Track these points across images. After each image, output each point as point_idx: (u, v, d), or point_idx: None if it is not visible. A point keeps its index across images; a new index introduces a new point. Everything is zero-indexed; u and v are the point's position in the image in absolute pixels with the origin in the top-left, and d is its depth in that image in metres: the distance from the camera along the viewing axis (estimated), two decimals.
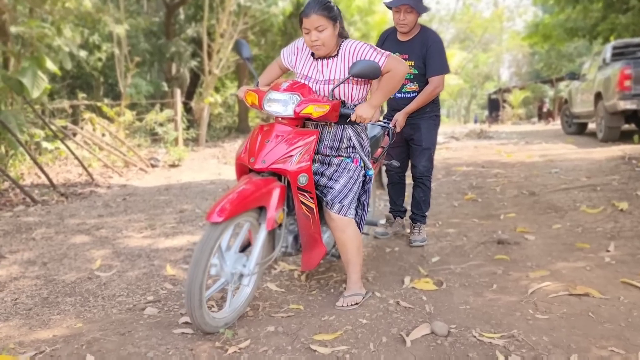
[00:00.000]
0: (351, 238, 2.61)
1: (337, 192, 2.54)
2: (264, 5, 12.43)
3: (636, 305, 2.34)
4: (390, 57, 2.49)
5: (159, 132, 10.87)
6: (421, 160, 3.57)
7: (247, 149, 2.46)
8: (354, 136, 2.59)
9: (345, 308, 2.56)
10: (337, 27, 2.51)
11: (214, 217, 2.15)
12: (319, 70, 2.60)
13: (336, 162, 2.59)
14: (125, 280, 3.10)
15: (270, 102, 2.44)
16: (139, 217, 4.85)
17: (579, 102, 11.55)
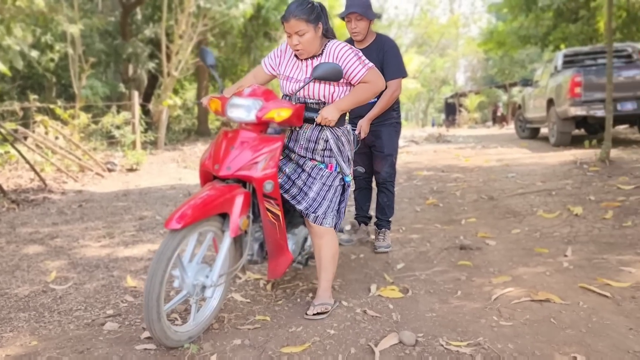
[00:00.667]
0: (328, 246, 2.60)
1: (310, 200, 2.53)
2: (224, 8, 12.28)
3: (595, 311, 2.42)
4: (372, 69, 2.51)
5: (115, 135, 10.57)
6: (383, 167, 3.61)
7: (211, 155, 2.41)
8: (331, 139, 2.55)
9: (313, 317, 2.53)
10: (320, 28, 2.48)
11: (173, 224, 2.08)
12: (302, 70, 2.58)
13: (309, 166, 2.56)
14: (83, 293, 2.98)
15: (232, 107, 2.39)
16: (96, 224, 4.69)
17: (532, 107, 11.93)
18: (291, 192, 2.54)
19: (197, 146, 12.62)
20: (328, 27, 2.56)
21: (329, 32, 2.57)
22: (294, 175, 2.57)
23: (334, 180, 2.59)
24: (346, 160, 2.62)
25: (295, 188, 2.56)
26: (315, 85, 2.52)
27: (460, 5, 45.56)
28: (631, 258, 3.12)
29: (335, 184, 2.59)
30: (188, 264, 2.31)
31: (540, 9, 12.34)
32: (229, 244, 2.36)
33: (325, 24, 2.52)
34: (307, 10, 2.44)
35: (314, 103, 2.57)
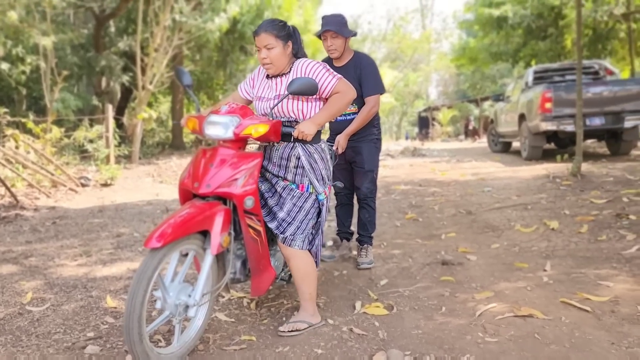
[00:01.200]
0: (297, 268, 2.60)
1: (280, 220, 2.54)
2: (199, 21, 12.26)
3: (577, 325, 2.46)
4: (341, 79, 2.58)
5: (88, 149, 10.38)
6: (364, 182, 3.63)
7: (190, 174, 2.41)
8: (303, 156, 2.56)
9: (283, 333, 2.55)
10: (289, 46, 2.56)
11: (152, 242, 2.06)
12: (272, 88, 2.63)
13: (281, 187, 2.58)
14: (61, 314, 2.90)
15: (210, 125, 2.40)
16: (72, 242, 4.58)
17: (504, 122, 12.20)
18: (263, 211, 2.55)
19: (172, 160, 12.48)
20: (299, 49, 2.64)
21: (299, 54, 2.65)
22: (267, 194, 2.59)
23: (305, 202, 2.58)
24: (319, 178, 2.62)
25: (266, 207, 2.57)
26: (287, 102, 2.55)
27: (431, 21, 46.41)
28: (608, 272, 3.19)
29: (307, 206, 2.58)
30: (170, 284, 2.28)
31: (510, 27, 12.67)
32: (211, 261, 2.34)
33: (296, 45, 2.61)
34: (278, 27, 2.54)
35: (286, 121, 2.58)
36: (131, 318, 2.02)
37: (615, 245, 3.73)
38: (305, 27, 19.47)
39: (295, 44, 2.60)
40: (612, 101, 9.26)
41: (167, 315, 2.27)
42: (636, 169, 7.07)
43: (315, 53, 22.98)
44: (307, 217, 2.59)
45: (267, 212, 2.56)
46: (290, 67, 2.59)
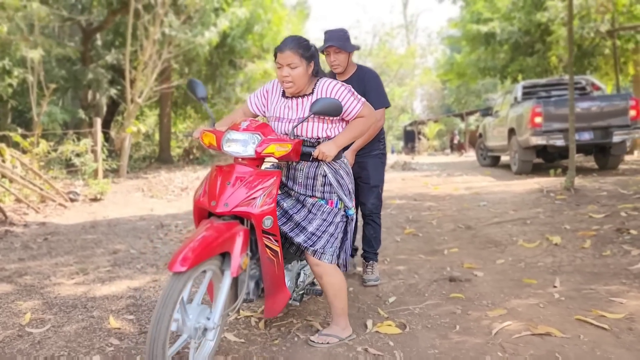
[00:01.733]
0: (330, 284, 2.57)
1: (309, 234, 2.50)
2: (189, 35, 12.21)
3: (596, 344, 2.43)
4: (366, 103, 2.54)
5: (76, 163, 10.20)
6: (370, 198, 3.59)
7: (206, 192, 2.33)
8: (330, 174, 2.54)
9: (314, 344, 2.57)
10: (311, 67, 2.51)
11: (177, 266, 1.99)
12: (291, 109, 2.56)
13: (310, 203, 2.54)
14: (63, 336, 2.79)
15: (229, 142, 2.34)
16: (66, 260, 4.46)
17: (492, 136, 12.30)
18: (285, 229, 2.50)
19: (160, 174, 12.34)
20: (319, 69, 2.59)
21: (319, 74, 2.61)
22: (292, 210, 2.54)
23: (335, 217, 2.56)
24: (347, 193, 2.60)
25: (290, 223, 2.52)
26: (309, 123, 2.50)
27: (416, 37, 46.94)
28: (618, 288, 3.18)
29: (337, 220, 2.56)
30: (189, 306, 2.20)
31: (498, 43, 12.84)
32: (230, 283, 2.27)
33: (317, 66, 2.56)
34: (303, 46, 2.48)
35: (307, 142, 2.54)
36: (156, 344, 1.94)
37: (621, 260, 3.74)
38: None
39: (317, 65, 2.55)
40: (600, 116, 9.40)
41: (185, 339, 2.19)
42: (627, 183, 7.14)
43: None
44: (337, 231, 2.56)
45: (294, 227, 2.51)
46: (312, 88, 2.54)
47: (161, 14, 11.59)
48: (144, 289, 3.60)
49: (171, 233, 5.55)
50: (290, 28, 18.11)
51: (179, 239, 5.25)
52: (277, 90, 2.66)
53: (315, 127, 2.51)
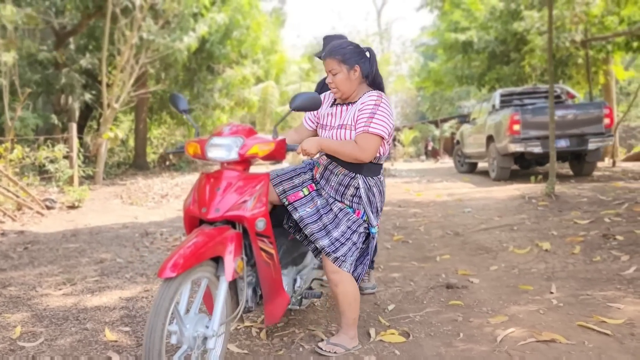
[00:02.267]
0: (345, 293, 2.54)
1: (334, 239, 2.49)
2: (168, 40, 12.05)
3: (602, 350, 2.46)
4: (367, 134, 2.42)
5: (50, 169, 9.92)
6: None
7: (195, 199, 2.27)
8: (362, 188, 2.53)
9: (321, 351, 2.54)
10: (355, 71, 2.50)
11: (167, 272, 1.93)
12: (334, 116, 2.59)
13: (337, 208, 2.55)
14: (58, 350, 2.69)
15: (213, 148, 2.28)
16: (51, 269, 4.31)
17: (470, 143, 12.48)
18: (313, 228, 2.49)
19: (138, 181, 12.11)
20: (370, 74, 2.55)
21: (375, 79, 2.55)
22: (322, 210, 2.55)
23: (359, 227, 2.55)
24: (374, 211, 2.59)
25: (319, 223, 2.52)
26: (345, 130, 2.51)
27: (389, 45, 47.39)
28: (614, 294, 3.24)
29: (360, 230, 2.55)
30: (185, 316, 2.14)
31: (475, 52, 13.05)
32: (226, 289, 2.21)
33: (367, 69, 2.53)
34: (342, 51, 2.50)
35: None
36: (151, 355, 1.88)
37: (612, 266, 3.81)
38: (272, 47, 19.55)
39: (364, 68, 2.52)
40: (575, 124, 9.64)
41: (185, 350, 2.12)
42: (605, 190, 7.31)
43: (279, 74, 23.08)
44: (359, 241, 2.55)
45: (321, 228, 2.50)
46: (359, 98, 2.53)
47: (139, 18, 11.40)
48: (136, 299, 3.51)
49: (157, 241, 5.44)
50: (268, 34, 18.08)
51: (166, 247, 5.15)
52: (328, 100, 2.69)
53: (350, 134, 2.49)
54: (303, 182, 2.65)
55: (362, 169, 2.52)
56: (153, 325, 1.91)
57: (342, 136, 2.52)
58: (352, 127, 2.49)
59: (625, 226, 4.83)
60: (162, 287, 1.96)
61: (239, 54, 16.06)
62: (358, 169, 2.52)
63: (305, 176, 2.69)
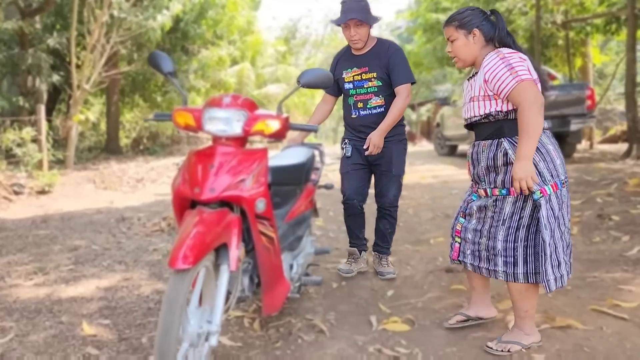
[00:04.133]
0: (522, 299, 2.27)
1: (500, 253, 2.23)
2: (140, 18, 11.54)
3: (622, 336, 2.32)
4: (523, 83, 2.09)
5: (17, 153, 9.44)
6: (390, 189, 3.27)
7: (186, 179, 1.99)
8: (510, 149, 2.19)
9: (491, 350, 2.25)
10: (474, 35, 2.29)
11: (180, 263, 1.69)
12: (467, 90, 2.38)
13: (492, 201, 2.27)
14: (31, 347, 2.43)
15: (213, 120, 2.02)
16: (20, 258, 4.00)
17: (450, 126, 12.38)
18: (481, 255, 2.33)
19: (111, 165, 11.68)
20: (495, 36, 2.28)
21: (502, 41, 2.28)
22: (479, 214, 2.33)
23: (522, 211, 2.18)
24: (535, 174, 2.12)
25: (481, 232, 2.31)
26: (474, 102, 2.29)
27: None
28: (622, 275, 3.12)
29: (525, 214, 2.18)
30: (188, 310, 1.91)
31: None
32: (228, 278, 1.98)
33: (490, 32, 2.29)
34: (459, 17, 2.34)
35: (480, 119, 2.27)
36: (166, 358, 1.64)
37: (613, 247, 3.70)
38: (248, 28, 19.09)
39: (486, 30, 2.28)
40: (558, 105, 9.58)
41: (187, 349, 1.87)
42: (589, 170, 7.26)
43: (255, 56, 22.60)
44: (530, 232, 2.19)
45: (485, 248, 2.30)
46: (481, 64, 2.27)
47: None
48: (115, 289, 3.25)
49: (134, 227, 5.15)
50: (245, 14, 17.61)
51: (144, 232, 4.86)
52: (468, 75, 2.48)
53: (482, 105, 2.25)
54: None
55: (502, 131, 2.22)
56: (169, 325, 1.67)
57: (473, 110, 2.29)
58: (480, 97, 2.25)
59: (619, 206, 4.74)
60: (175, 281, 1.72)
61: (215, 34, 15.58)
62: (498, 132, 2.23)
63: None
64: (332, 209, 6.01)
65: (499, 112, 2.21)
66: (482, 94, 2.24)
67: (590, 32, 12.47)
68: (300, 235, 2.79)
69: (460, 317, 2.56)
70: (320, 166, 3.20)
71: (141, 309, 2.91)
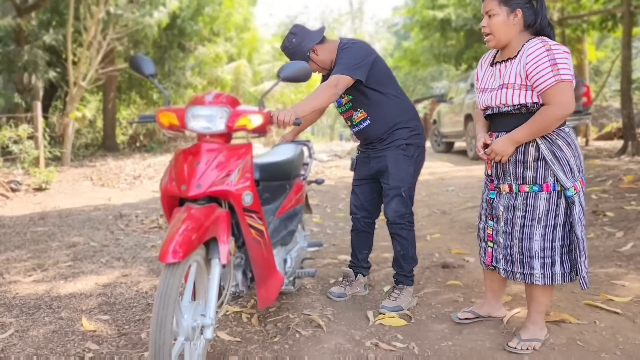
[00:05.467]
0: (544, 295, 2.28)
1: (538, 255, 2.18)
2: (137, 15, 11.53)
3: (615, 330, 2.36)
4: (562, 83, 2.02)
5: (14, 150, 9.43)
6: (389, 203, 2.81)
7: (173, 177, 2.02)
8: (543, 144, 2.11)
9: (515, 350, 2.21)
10: (517, 16, 2.13)
11: (169, 257, 1.71)
12: (495, 77, 2.24)
13: (521, 199, 2.19)
14: (31, 342, 2.45)
15: (196, 118, 2.03)
16: (19, 255, 4.02)
17: (447, 123, 12.40)
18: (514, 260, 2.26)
19: (108, 162, 11.67)
20: (535, 23, 2.15)
21: (542, 31, 2.15)
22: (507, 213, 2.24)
23: (557, 208, 2.14)
24: (567, 170, 2.12)
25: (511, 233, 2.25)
26: (507, 90, 2.15)
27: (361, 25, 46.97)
28: (616, 271, 3.16)
29: (560, 212, 2.14)
30: (181, 305, 1.93)
31: (453, 29, 12.93)
32: (219, 272, 2.00)
33: (530, 17, 2.14)
34: None
35: (511, 109, 2.17)
36: (162, 353, 1.66)
37: (607, 242, 3.74)
38: (245, 25, 19.06)
39: (527, 14, 2.14)
40: None
41: (182, 343, 1.90)
42: (584, 167, 7.30)
43: (251, 53, 22.57)
44: (565, 230, 2.17)
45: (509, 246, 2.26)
46: (519, 50, 2.14)
47: None
48: (114, 285, 3.27)
49: (132, 223, 5.16)
50: (241, 12, 17.58)
51: (142, 229, 4.88)
52: (488, 59, 2.35)
53: (517, 94, 2.13)
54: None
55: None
56: (162, 319, 1.69)
57: (504, 98, 2.16)
58: (515, 85, 2.12)
59: (613, 202, 4.79)
60: (166, 275, 1.75)
61: (211, 31, 15.55)
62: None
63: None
64: (329, 206, 6.04)
65: (535, 104, 2.10)
66: (519, 83, 2.11)
67: (587, 29, 12.51)
68: (292, 229, 2.80)
69: (471, 314, 2.55)
70: (309, 161, 3.22)
71: (140, 305, 2.93)
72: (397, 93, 2.84)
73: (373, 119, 2.81)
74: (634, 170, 6.51)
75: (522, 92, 2.11)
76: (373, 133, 2.83)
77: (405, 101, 2.87)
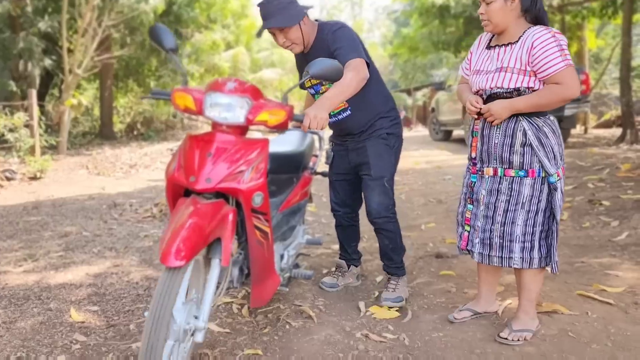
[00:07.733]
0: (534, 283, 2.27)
1: (519, 239, 2.19)
2: (132, 1, 11.41)
3: (608, 321, 2.34)
4: (570, 68, 2.05)
5: (10, 139, 9.37)
6: (373, 197, 2.71)
7: (181, 165, 1.90)
8: (530, 130, 2.13)
9: (507, 341, 2.21)
10: (514, 2, 2.12)
11: (172, 260, 1.63)
12: (492, 59, 2.21)
13: (506, 183, 2.20)
14: (18, 334, 2.43)
15: (215, 106, 1.92)
16: (10, 245, 3.99)
17: (446, 111, 12.33)
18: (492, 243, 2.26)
19: (105, 151, 11.62)
20: (532, 9, 2.15)
21: (537, 18, 2.16)
22: (490, 197, 2.24)
23: (540, 194, 2.17)
24: (550, 156, 2.14)
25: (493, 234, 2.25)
26: (506, 73, 2.15)
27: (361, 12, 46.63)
28: (610, 261, 3.13)
29: (542, 197, 2.17)
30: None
31: (452, 16, 12.80)
32: (218, 273, 1.92)
33: (527, 3, 2.14)
34: None
35: (504, 92, 2.15)
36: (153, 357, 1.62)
37: (603, 232, 3.71)
38: (242, 11, 18.90)
39: (528, 3, 2.13)
40: None
41: (172, 345, 1.79)
42: (582, 156, 7.28)
43: (249, 40, 22.40)
44: (546, 217, 2.19)
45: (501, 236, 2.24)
46: (520, 36, 2.14)
47: None
48: (105, 276, 3.25)
49: (126, 213, 5.13)
50: None
51: (136, 219, 4.85)
52: (483, 42, 2.33)
53: (514, 78, 2.13)
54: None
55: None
56: (157, 325, 1.63)
57: (501, 81, 2.15)
58: (514, 70, 2.12)
59: (609, 191, 4.76)
60: (166, 277, 1.67)
61: (208, 17, 15.41)
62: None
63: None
64: (325, 195, 5.99)
65: (528, 88, 2.12)
66: (519, 67, 2.12)
67: (587, 16, 12.39)
68: (293, 225, 2.73)
69: (467, 313, 2.49)
70: (318, 153, 3.07)
71: (130, 296, 2.91)
72: (378, 81, 2.72)
73: (354, 109, 2.65)
74: (632, 158, 6.47)
75: (520, 76, 2.13)
76: (353, 124, 2.68)
77: (385, 89, 2.77)
